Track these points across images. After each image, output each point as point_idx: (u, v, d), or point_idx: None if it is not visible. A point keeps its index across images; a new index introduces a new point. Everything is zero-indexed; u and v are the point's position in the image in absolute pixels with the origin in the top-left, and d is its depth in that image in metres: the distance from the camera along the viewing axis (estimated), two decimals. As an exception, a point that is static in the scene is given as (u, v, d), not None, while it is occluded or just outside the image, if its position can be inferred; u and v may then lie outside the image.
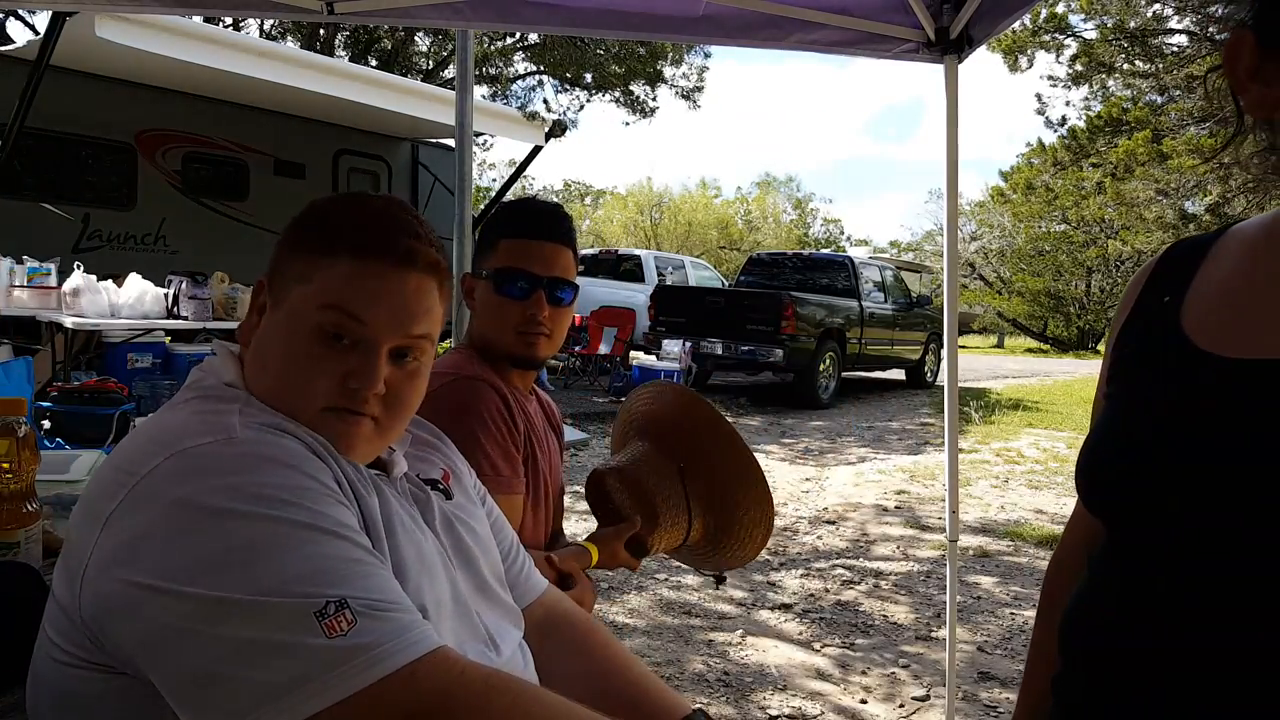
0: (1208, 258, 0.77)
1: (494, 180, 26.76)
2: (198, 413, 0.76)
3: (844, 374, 10.87)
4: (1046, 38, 13.48)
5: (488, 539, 0.98)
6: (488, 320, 1.45)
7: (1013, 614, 3.70)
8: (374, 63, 13.41)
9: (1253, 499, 0.62)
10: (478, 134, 11.08)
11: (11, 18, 10.78)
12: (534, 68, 13.71)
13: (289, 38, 13.42)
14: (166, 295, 4.96)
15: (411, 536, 0.82)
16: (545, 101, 13.63)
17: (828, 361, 10.44)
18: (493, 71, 13.12)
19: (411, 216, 0.86)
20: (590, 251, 16.14)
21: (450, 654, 0.69)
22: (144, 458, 0.70)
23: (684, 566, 4.16)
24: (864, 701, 2.85)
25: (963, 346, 28.30)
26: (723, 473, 1.59)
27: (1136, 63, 13.47)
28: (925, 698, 2.89)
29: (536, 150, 9.57)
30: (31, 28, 11.26)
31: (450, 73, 13.58)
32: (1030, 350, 29.93)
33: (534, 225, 1.46)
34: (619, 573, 4.03)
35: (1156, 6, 13.01)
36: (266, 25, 13.27)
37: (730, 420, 1.64)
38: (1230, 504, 0.63)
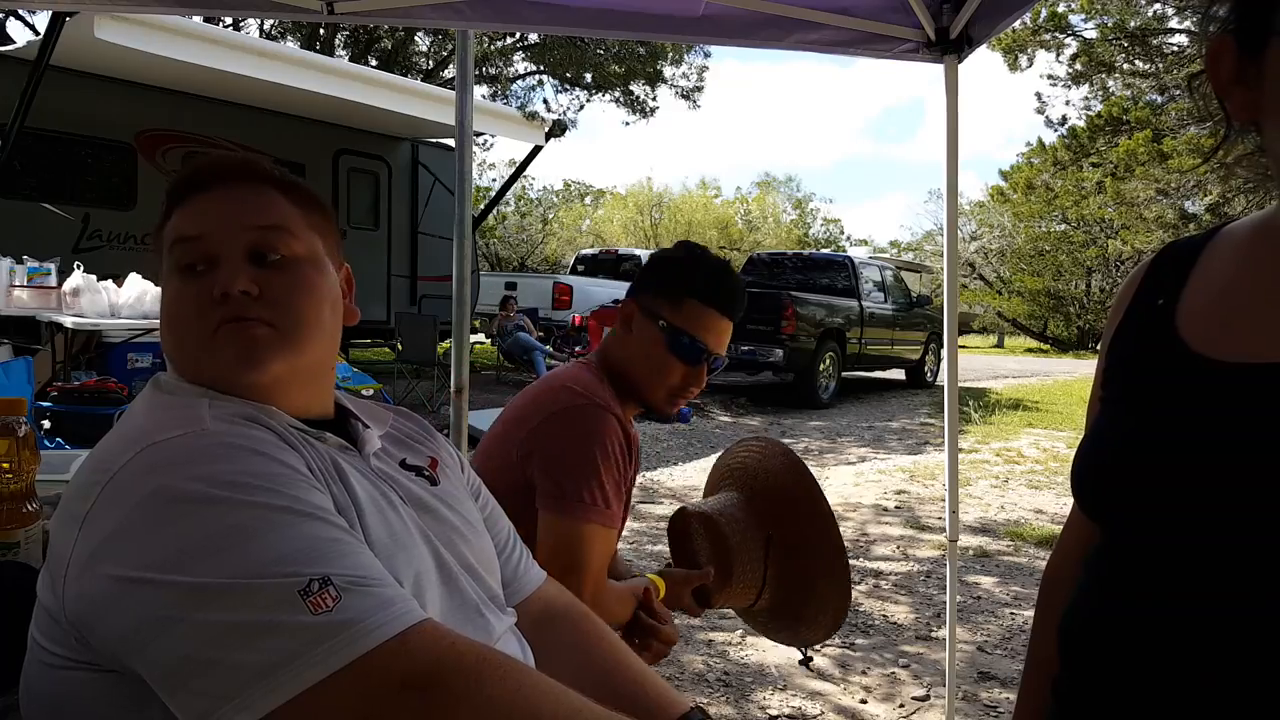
0: (1200, 260, 0.77)
1: (494, 180, 26.76)
2: (166, 408, 0.77)
3: (844, 374, 10.87)
4: (1046, 37, 13.49)
5: (479, 528, 0.97)
6: (644, 367, 1.47)
7: (1013, 614, 3.70)
8: (374, 63, 13.41)
9: (1252, 504, 0.62)
10: (478, 134, 11.09)
11: (11, 18, 10.78)
12: (534, 68, 13.72)
13: (289, 38, 13.42)
14: (166, 295, 4.96)
15: (382, 516, 0.81)
16: (545, 101, 13.66)
17: (827, 361, 10.44)
18: (493, 71, 13.13)
19: (220, 157, 0.90)
20: (590, 251, 16.15)
21: (439, 626, 0.69)
22: (116, 455, 0.71)
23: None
24: (864, 701, 2.85)
25: (962, 346, 28.28)
26: (808, 558, 1.54)
27: (1137, 62, 13.48)
28: (925, 698, 2.89)
29: (536, 150, 9.59)
30: (32, 28, 11.27)
31: (450, 72, 13.59)
32: (1030, 350, 29.93)
33: (728, 304, 1.48)
34: (619, 573, 4.04)
35: (1156, 6, 13.03)
36: (266, 25, 13.28)
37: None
38: (1229, 509, 0.63)
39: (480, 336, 13.48)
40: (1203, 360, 0.70)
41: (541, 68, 13.40)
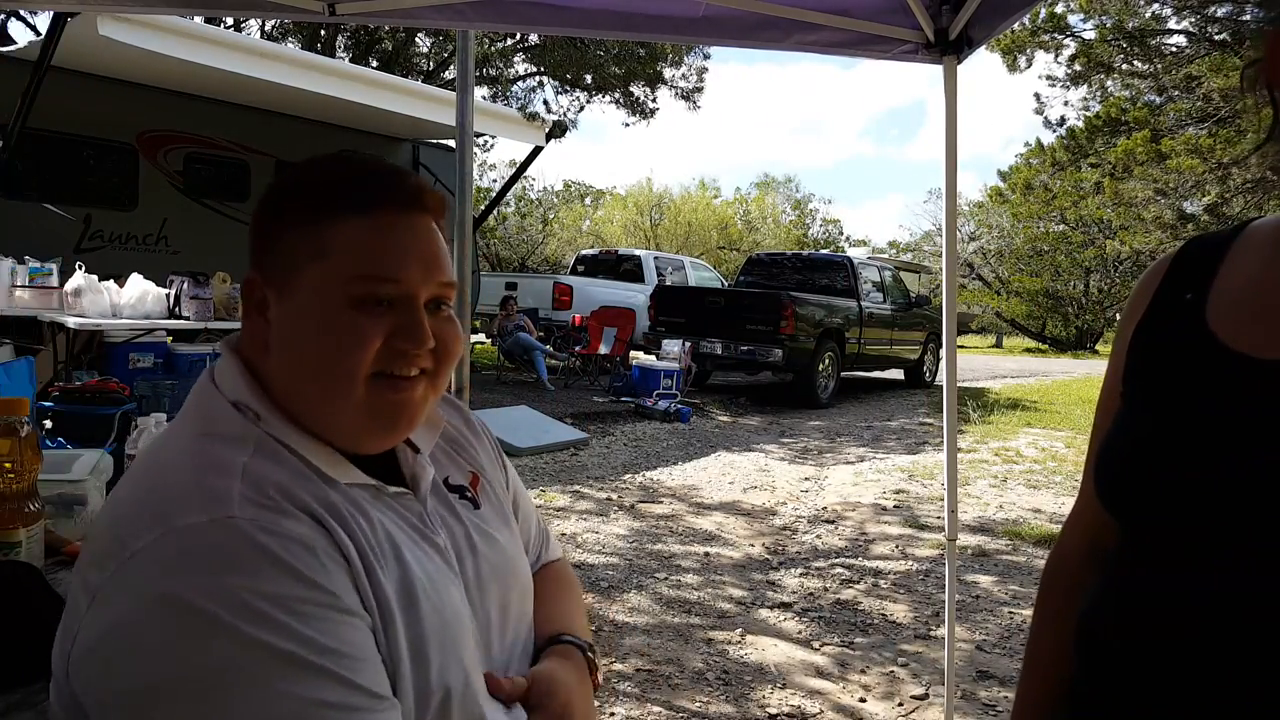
0: (1229, 255, 0.75)
1: (494, 181, 26.74)
2: (198, 460, 0.69)
3: (843, 374, 10.88)
4: (1045, 38, 13.49)
5: (515, 549, 0.91)
6: None
7: (1011, 613, 3.71)
8: (375, 64, 13.41)
9: None
10: (478, 135, 11.09)
11: (13, 18, 10.78)
12: (534, 69, 13.72)
13: (290, 39, 13.42)
14: (168, 295, 4.97)
15: (440, 598, 0.75)
16: (545, 102, 13.63)
17: (827, 361, 10.45)
18: (493, 73, 13.13)
19: (391, 165, 0.81)
20: (590, 251, 16.15)
21: None
22: (137, 527, 0.65)
23: (684, 565, 4.18)
24: (863, 700, 2.86)
25: (961, 346, 28.31)
26: None
27: (1135, 63, 13.48)
28: (924, 696, 2.89)
29: (537, 151, 9.59)
30: (33, 29, 11.27)
31: (451, 74, 13.59)
32: (1028, 350, 29.94)
33: None
34: (619, 571, 4.04)
35: (1155, 7, 13.03)
36: (267, 26, 13.28)
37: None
38: (1266, 508, 0.63)
39: (481, 336, 13.49)
40: (1238, 357, 0.68)
41: (542, 69, 13.40)
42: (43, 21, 9.14)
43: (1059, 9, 13.40)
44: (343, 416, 0.75)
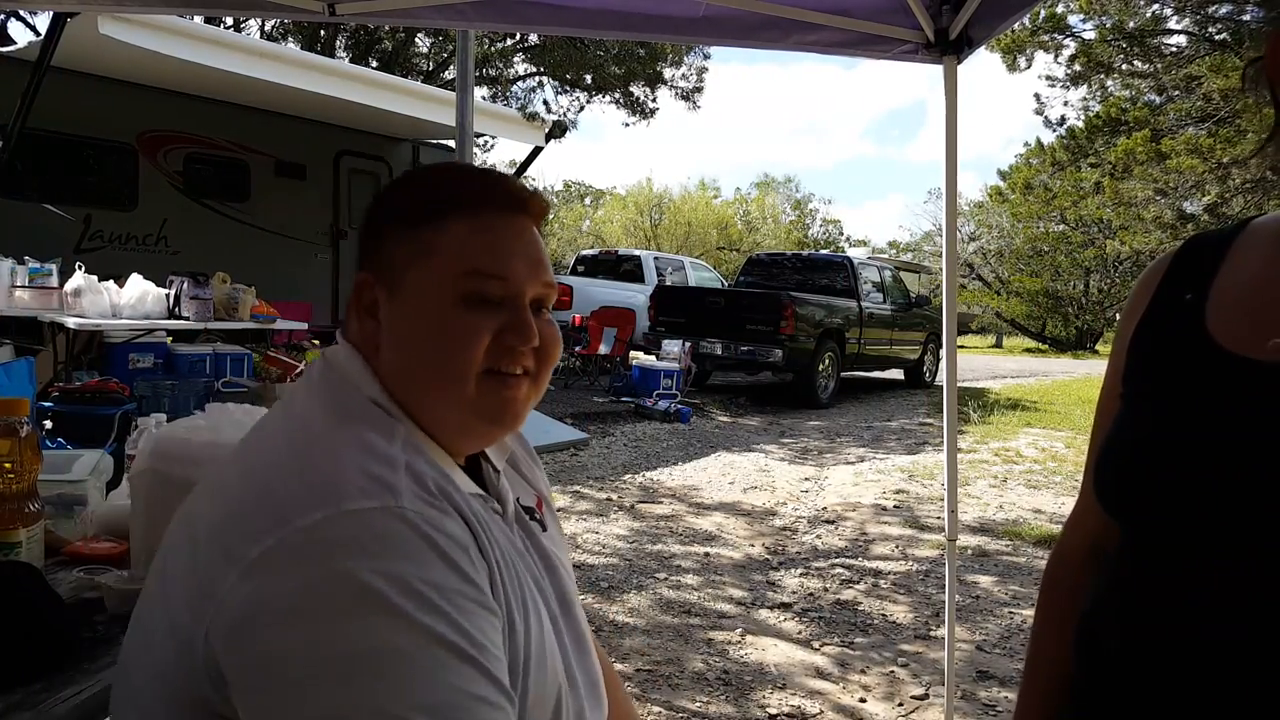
0: (1230, 254, 0.75)
1: (494, 181, 26.70)
2: (364, 454, 0.70)
3: (843, 374, 10.88)
4: (1045, 38, 13.51)
5: (569, 562, 0.94)
6: None
7: (1011, 613, 3.71)
8: (374, 64, 13.42)
9: None
10: (478, 135, 11.09)
11: (13, 19, 10.79)
12: (534, 69, 13.73)
13: (290, 39, 13.43)
14: (168, 295, 4.97)
15: (536, 620, 0.77)
16: (545, 103, 13.64)
17: (827, 361, 10.45)
18: (493, 73, 13.14)
19: (497, 170, 0.87)
20: (590, 252, 16.16)
21: None
22: (300, 505, 0.66)
23: (684, 565, 4.18)
24: (863, 700, 2.86)
25: (961, 346, 28.32)
26: None
27: (1135, 63, 13.49)
28: (924, 696, 2.89)
29: (537, 151, 9.60)
30: (33, 29, 11.28)
31: (451, 74, 13.59)
32: (1028, 350, 29.94)
33: None
34: (619, 571, 4.04)
35: (1155, 7, 13.04)
36: (267, 26, 13.29)
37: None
38: (1262, 510, 0.63)
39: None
40: (1235, 359, 0.68)
41: (541, 69, 13.41)
42: (43, 21, 9.13)
43: (1059, 9, 13.42)
44: (452, 414, 0.78)
